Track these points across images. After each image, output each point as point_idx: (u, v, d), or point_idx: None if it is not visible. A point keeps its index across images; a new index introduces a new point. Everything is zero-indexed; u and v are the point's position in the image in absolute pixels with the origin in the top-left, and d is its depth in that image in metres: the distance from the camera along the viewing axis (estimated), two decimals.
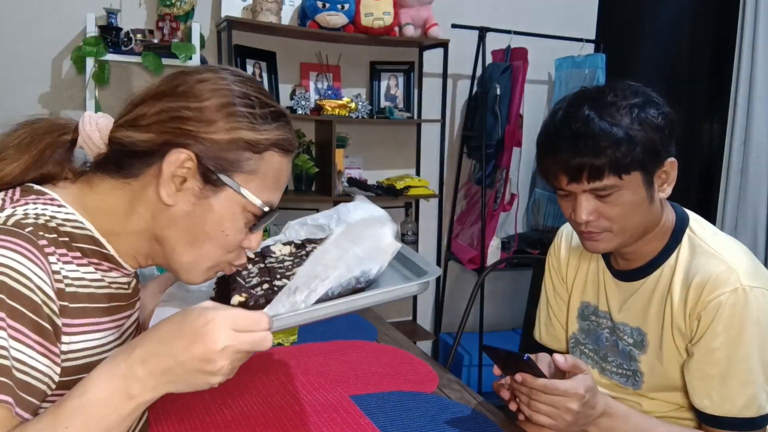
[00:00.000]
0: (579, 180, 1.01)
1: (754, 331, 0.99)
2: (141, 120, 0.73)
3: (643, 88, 1.05)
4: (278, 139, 0.76)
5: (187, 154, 0.71)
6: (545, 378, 0.96)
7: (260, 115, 0.74)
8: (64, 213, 0.73)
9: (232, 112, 0.73)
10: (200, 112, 0.72)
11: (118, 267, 0.78)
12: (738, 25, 2.95)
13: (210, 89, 0.73)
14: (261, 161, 0.75)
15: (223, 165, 0.73)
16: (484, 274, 2.06)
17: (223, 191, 0.74)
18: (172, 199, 0.73)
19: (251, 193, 0.75)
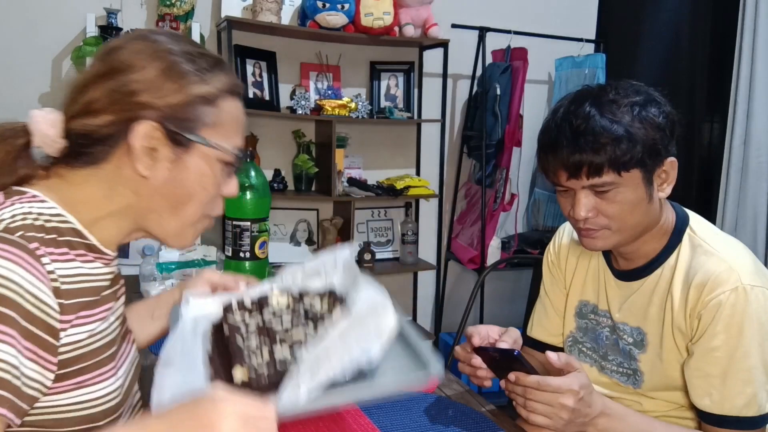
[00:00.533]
0: (578, 176, 1.01)
1: (754, 331, 0.99)
2: (93, 105, 0.74)
3: (645, 87, 1.05)
4: (226, 85, 0.79)
5: (150, 124, 0.73)
6: (538, 375, 0.96)
7: (203, 68, 0.77)
8: (47, 208, 0.74)
9: (178, 73, 0.75)
10: (147, 81, 0.73)
11: (101, 255, 0.79)
12: (738, 25, 2.95)
13: (149, 56, 0.74)
14: (218, 110, 0.78)
15: (187, 124, 0.75)
16: (484, 274, 2.06)
17: (195, 149, 0.77)
18: (150, 171, 0.75)
19: (220, 142, 0.78)
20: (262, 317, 0.94)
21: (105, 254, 0.79)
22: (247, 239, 1.56)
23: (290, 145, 2.91)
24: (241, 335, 0.87)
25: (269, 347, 0.84)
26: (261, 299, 0.99)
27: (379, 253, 3.09)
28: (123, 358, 0.83)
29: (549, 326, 1.33)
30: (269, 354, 0.83)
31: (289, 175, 2.90)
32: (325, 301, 0.97)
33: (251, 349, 0.84)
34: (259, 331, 0.90)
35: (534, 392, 0.95)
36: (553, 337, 1.33)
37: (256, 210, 1.56)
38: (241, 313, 0.95)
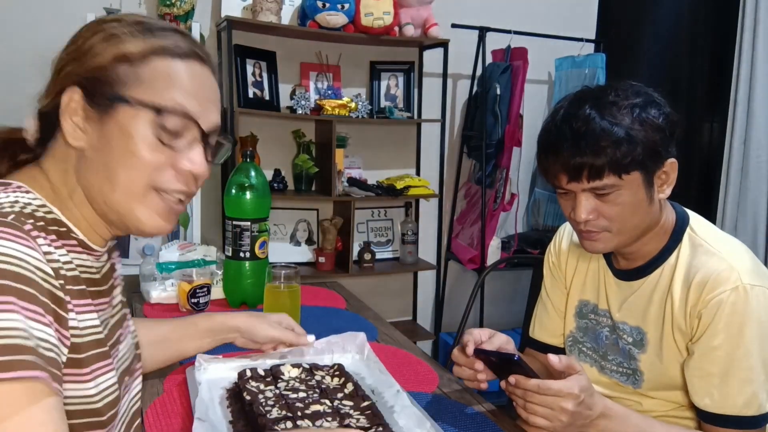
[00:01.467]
0: (579, 179, 1.01)
1: (754, 330, 0.99)
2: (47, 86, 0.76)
3: (645, 88, 1.05)
4: (164, 44, 0.74)
5: (72, 90, 0.73)
6: (538, 378, 0.96)
7: (138, 30, 0.74)
8: (32, 199, 0.73)
9: (106, 36, 0.74)
10: (79, 50, 0.74)
11: (88, 250, 0.78)
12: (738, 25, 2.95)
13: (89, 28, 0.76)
14: (146, 68, 0.73)
15: (110, 86, 0.72)
16: (484, 274, 2.06)
17: (120, 110, 0.72)
18: (79, 140, 0.73)
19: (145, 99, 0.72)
20: (276, 387, 1.03)
21: (93, 249, 0.78)
22: (247, 239, 1.56)
23: (290, 145, 2.91)
24: (261, 404, 0.94)
25: (292, 419, 0.91)
26: (274, 369, 1.09)
27: (379, 253, 3.09)
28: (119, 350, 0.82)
29: (551, 327, 1.33)
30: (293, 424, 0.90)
31: (289, 175, 2.90)
32: (336, 377, 1.08)
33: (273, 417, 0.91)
34: (276, 400, 0.97)
35: (534, 395, 0.95)
36: (554, 338, 1.33)
37: (256, 210, 1.56)
38: (256, 382, 1.04)
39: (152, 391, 1.10)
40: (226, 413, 0.98)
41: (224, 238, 1.60)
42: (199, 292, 1.53)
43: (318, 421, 0.91)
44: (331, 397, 1.00)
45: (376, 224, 3.16)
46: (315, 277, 2.79)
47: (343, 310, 1.68)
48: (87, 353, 0.72)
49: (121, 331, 0.85)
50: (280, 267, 1.41)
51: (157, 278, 1.67)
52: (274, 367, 1.10)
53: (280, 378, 1.07)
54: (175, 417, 1.01)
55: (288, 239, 2.97)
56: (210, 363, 1.13)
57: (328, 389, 1.03)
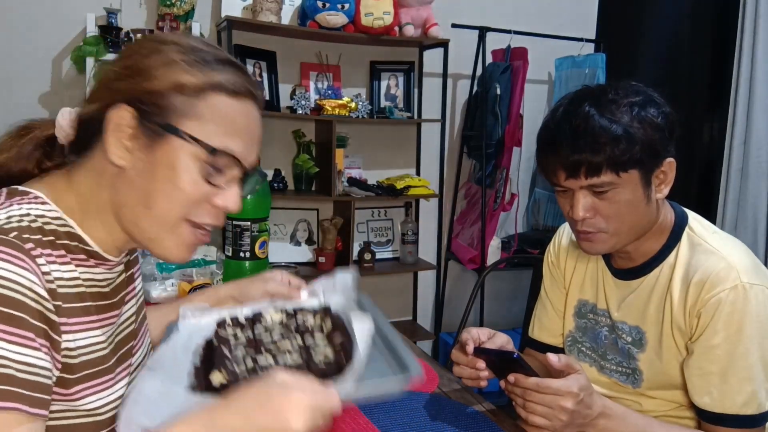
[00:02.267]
0: (577, 176, 1.01)
1: (753, 329, 0.99)
2: (93, 94, 0.75)
3: (645, 87, 1.05)
4: (221, 81, 0.73)
5: (124, 108, 0.71)
6: (537, 377, 0.96)
7: (198, 60, 0.73)
8: (47, 211, 0.73)
9: (166, 61, 0.72)
10: (135, 67, 0.72)
11: (102, 261, 0.77)
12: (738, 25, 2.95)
13: (146, 47, 0.74)
14: (204, 104, 0.72)
15: (166, 114, 0.71)
16: (484, 273, 2.06)
17: (169, 141, 0.71)
18: (122, 159, 0.72)
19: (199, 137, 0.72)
20: (253, 332, 0.95)
21: (106, 260, 0.78)
22: (247, 239, 1.56)
23: (290, 145, 2.91)
24: (229, 347, 0.87)
25: (254, 357, 0.84)
26: (255, 315, 1.00)
27: (379, 252, 3.09)
28: (126, 370, 0.82)
29: (550, 327, 1.34)
30: (252, 362, 0.83)
31: (289, 175, 2.90)
32: (318, 317, 0.98)
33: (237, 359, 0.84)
34: (248, 343, 0.90)
35: (533, 394, 0.96)
36: (554, 338, 1.34)
37: (257, 210, 1.56)
38: (234, 328, 0.96)
39: None
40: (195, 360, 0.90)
41: (224, 238, 1.60)
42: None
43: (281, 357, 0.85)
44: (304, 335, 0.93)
45: (376, 224, 3.16)
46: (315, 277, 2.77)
47: None
48: (82, 372, 0.72)
49: (134, 342, 0.85)
50: (280, 267, 1.41)
51: (158, 278, 1.67)
52: (256, 314, 1.01)
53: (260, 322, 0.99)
54: None
55: (288, 239, 2.97)
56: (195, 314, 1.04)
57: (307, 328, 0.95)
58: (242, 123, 0.75)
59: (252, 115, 0.77)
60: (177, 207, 0.73)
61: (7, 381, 0.60)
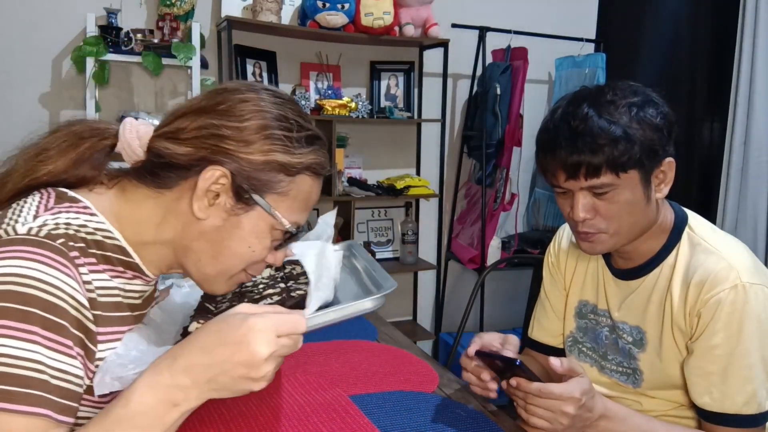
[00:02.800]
0: (576, 177, 1.02)
1: (753, 328, 1.00)
2: (181, 133, 0.75)
3: (643, 88, 1.05)
4: (312, 162, 0.78)
5: (222, 171, 0.74)
6: (539, 381, 0.96)
7: (296, 139, 0.77)
8: (95, 222, 0.74)
9: (269, 135, 0.75)
10: (239, 131, 0.74)
11: (141, 275, 0.79)
12: (738, 25, 2.95)
13: (250, 110, 0.75)
14: (293, 184, 0.77)
15: (256, 185, 0.75)
16: (484, 273, 2.06)
17: (254, 210, 0.76)
18: (204, 213, 0.75)
19: (281, 214, 0.77)
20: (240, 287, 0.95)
21: (145, 275, 0.80)
22: None
23: None
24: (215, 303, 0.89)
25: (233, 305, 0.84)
26: None
27: (379, 252, 3.09)
28: None
29: (549, 327, 1.34)
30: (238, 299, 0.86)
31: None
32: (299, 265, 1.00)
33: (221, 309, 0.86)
34: (233, 296, 0.91)
35: (535, 398, 0.96)
36: (553, 339, 1.34)
37: None
38: None
39: None
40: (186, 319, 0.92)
41: None
42: None
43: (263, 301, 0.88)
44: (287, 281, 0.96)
45: (377, 224, 3.16)
46: None
47: None
48: None
49: None
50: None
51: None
52: None
53: None
54: None
55: None
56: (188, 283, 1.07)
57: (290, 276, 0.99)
58: (314, 199, 0.82)
59: (320, 187, 0.83)
60: (242, 263, 0.79)
61: (41, 386, 0.61)
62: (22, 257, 0.63)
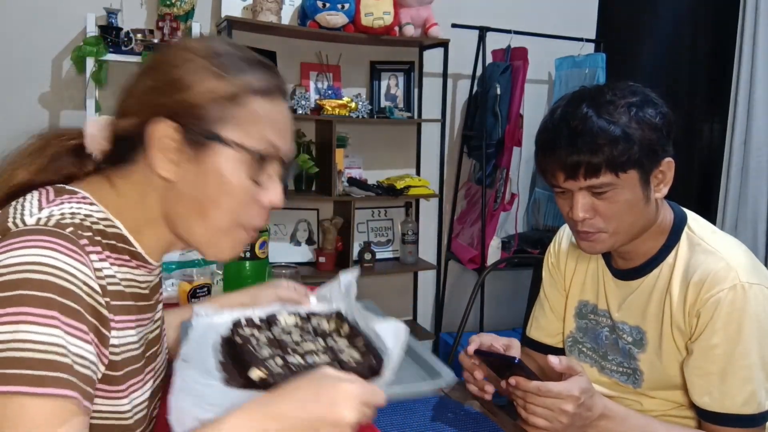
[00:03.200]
0: (576, 177, 1.02)
1: (753, 328, 1.00)
2: (127, 108, 0.75)
3: (642, 87, 1.06)
4: (255, 84, 0.75)
5: (167, 122, 0.72)
6: (538, 380, 0.96)
7: (230, 65, 0.74)
8: (95, 211, 0.74)
9: (201, 71, 0.73)
10: (171, 80, 0.73)
11: (144, 264, 0.79)
12: (738, 25, 2.95)
13: (178, 57, 0.74)
14: (244, 110, 0.74)
15: (206, 124, 0.73)
16: (484, 273, 2.06)
17: (215, 149, 0.73)
18: (171, 172, 0.73)
19: (243, 142, 0.74)
20: (271, 333, 0.97)
21: (148, 263, 0.79)
22: None
23: None
24: (253, 346, 0.90)
25: (282, 356, 0.86)
26: (269, 317, 1.03)
27: (379, 252, 3.09)
28: (152, 371, 0.83)
29: (547, 327, 1.34)
30: (282, 360, 0.85)
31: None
32: (332, 321, 1.01)
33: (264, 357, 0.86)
34: (269, 342, 0.92)
35: (534, 397, 0.96)
36: (551, 338, 1.34)
37: None
38: (250, 328, 0.98)
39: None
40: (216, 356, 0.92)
41: None
42: (200, 292, 1.53)
43: (309, 357, 0.87)
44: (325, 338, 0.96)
45: (377, 224, 3.16)
46: (315, 277, 2.79)
47: None
48: (123, 370, 0.73)
49: (157, 347, 0.86)
50: (281, 267, 1.41)
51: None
52: (270, 316, 1.05)
53: (275, 324, 1.02)
54: None
55: (288, 239, 2.97)
56: (208, 313, 1.07)
57: (324, 331, 0.99)
58: (279, 121, 0.78)
59: (284, 111, 0.79)
60: (229, 213, 0.76)
61: (68, 370, 0.61)
62: (36, 245, 0.63)
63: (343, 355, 0.88)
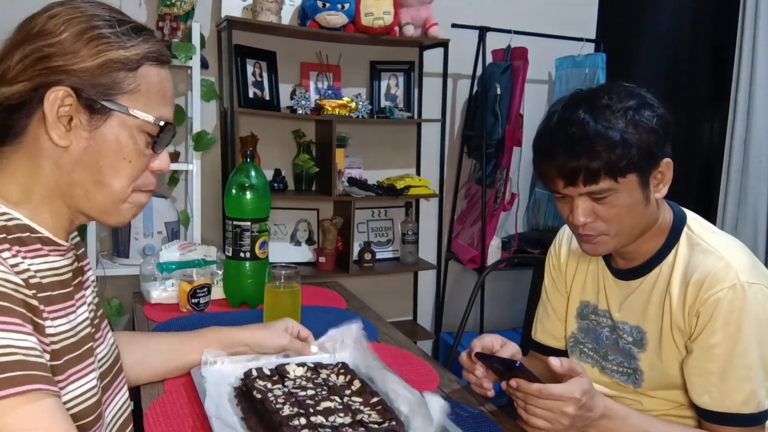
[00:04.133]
0: (575, 183, 1.02)
1: (752, 328, 1.00)
2: (7, 74, 0.72)
3: (638, 89, 1.05)
4: (148, 51, 0.75)
5: (63, 89, 0.71)
6: (539, 382, 0.97)
7: (122, 32, 0.74)
8: None
9: (93, 37, 0.72)
10: (62, 45, 0.71)
11: (56, 247, 0.77)
12: (738, 25, 2.95)
13: (64, 21, 0.72)
14: (139, 77, 0.74)
15: (103, 91, 0.72)
16: (484, 273, 2.06)
17: (112, 117, 0.73)
18: (65, 139, 0.72)
19: (140, 111, 0.75)
20: (284, 385, 1.04)
21: (58, 245, 0.77)
22: (247, 239, 1.56)
23: (290, 145, 2.91)
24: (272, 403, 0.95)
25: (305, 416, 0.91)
26: (279, 368, 1.10)
27: (379, 252, 3.09)
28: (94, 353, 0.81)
29: (552, 330, 1.34)
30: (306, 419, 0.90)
31: (290, 175, 2.90)
32: (342, 375, 1.09)
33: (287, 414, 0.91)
34: (286, 398, 0.98)
35: (535, 399, 0.96)
36: (556, 341, 1.34)
37: (257, 210, 1.56)
38: (263, 381, 1.05)
39: (152, 392, 1.10)
40: (236, 410, 0.99)
41: (224, 238, 1.60)
42: (200, 293, 1.53)
43: (331, 417, 0.91)
44: (339, 394, 1.01)
45: (377, 224, 3.16)
46: (315, 277, 2.79)
47: (344, 310, 1.68)
48: (63, 359, 0.72)
49: (95, 333, 0.84)
50: (281, 267, 1.41)
51: (158, 278, 1.67)
52: (279, 367, 1.11)
53: (287, 377, 1.07)
54: (175, 418, 1.01)
55: (288, 239, 2.97)
56: (215, 360, 1.13)
57: (336, 387, 1.04)
58: (169, 89, 0.79)
59: (169, 77, 0.80)
60: (127, 179, 0.77)
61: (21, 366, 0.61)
62: None
63: (362, 416, 0.93)
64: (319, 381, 1.07)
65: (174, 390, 1.11)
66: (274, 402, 0.95)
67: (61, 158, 0.73)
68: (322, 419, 0.91)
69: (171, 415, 1.02)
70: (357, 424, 0.90)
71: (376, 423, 0.91)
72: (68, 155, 0.73)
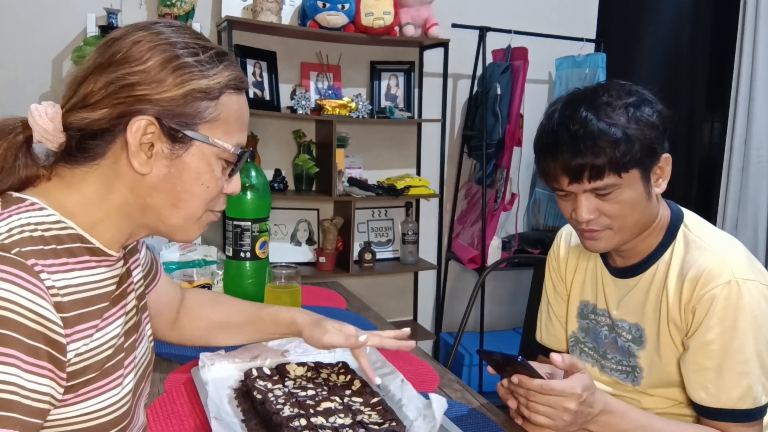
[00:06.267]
0: (580, 180, 1.02)
1: (748, 323, 1.00)
2: (90, 98, 0.72)
3: (636, 86, 1.07)
4: (229, 79, 0.76)
5: (147, 119, 0.71)
6: (541, 378, 0.97)
7: (205, 61, 0.74)
8: (46, 216, 0.71)
9: (177, 66, 0.72)
10: (146, 73, 0.71)
11: (105, 258, 0.77)
12: (738, 25, 2.95)
13: (148, 48, 0.72)
14: (220, 106, 0.75)
15: (185, 120, 0.73)
16: (484, 273, 2.06)
17: (193, 146, 0.74)
18: (146, 167, 0.73)
19: (220, 140, 0.76)
20: (284, 385, 1.04)
21: (108, 256, 0.77)
22: (247, 239, 1.56)
23: (291, 145, 2.91)
24: (273, 403, 0.95)
25: (305, 416, 0.92)
26: (279, 368, 1.11)
27: (379, 252, 3.09)
28: (132, 363, 0.81)
29: (555, 334, 1.34)
30: (306, 420, 0.90)
31: (290, 175, 2.90)
32: (342, 375, 1.09)
33: (287, 415, 0.91)
34: (286, 398, 0.98)
35: (537, 395, 0.97)
36: (560, 345, 1.34)
37: (257, 210, 1.56)
38: (263, 381, 1.05)
39: (152, 391, 1.10)
40: (236, 412, 0.99)
41: (225, 238, 1.60)
42: None
43: (331, 418, 0.92)
44: (340, 394, 1.01)
45: (377, 224, 3.16)
46: (315, 277, 2.79)
47: (344, 310, 1.68)
48: (93, 373, 0.72)
49: (136, 336, 0.84)
50: (281, 267, 1.41)
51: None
52: (280, 366, 1.11)
53: (287, 377, 1.07)
54: (175, 418, 1.01)
55: (288, 239, 2.97)
56: (214, 361, 1.14)
57: (336, 387, 1.04)
58: (246, 115, 0.81)
59: (246, 104, 0.81)
60: (203, 203, 0.79)
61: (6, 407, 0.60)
62: None
63: (363, 417, 0.93)
64: (319, 381, 1.07)
65: (174, 390, 1.11)
66: (275, 402, 0.95)
67: (139, 183, 0.74)
68: (322, 420, 0.91)
69: (171, 415, 1.02)
70: (357, 425, 0.91)
71: (377, 424, 0.91)
72: (146, 181, 0.74)
